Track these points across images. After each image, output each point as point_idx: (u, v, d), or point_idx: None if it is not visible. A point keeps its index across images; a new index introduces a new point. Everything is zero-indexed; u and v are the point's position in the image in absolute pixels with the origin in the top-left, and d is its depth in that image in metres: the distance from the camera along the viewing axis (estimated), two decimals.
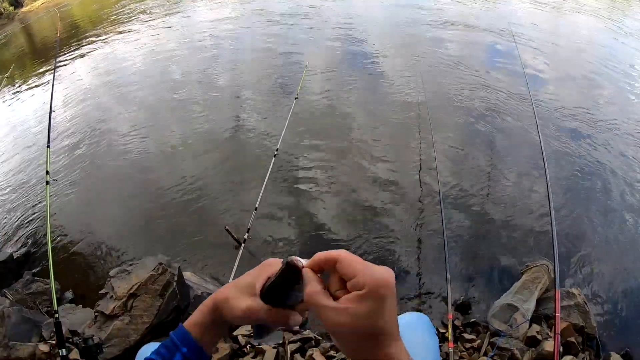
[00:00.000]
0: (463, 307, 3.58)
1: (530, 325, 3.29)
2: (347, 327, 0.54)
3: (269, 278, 0.68)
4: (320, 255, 0.60)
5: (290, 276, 0.61)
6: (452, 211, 4.46)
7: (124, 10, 14.39)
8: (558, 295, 2.61)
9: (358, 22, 10.21)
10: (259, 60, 8.52)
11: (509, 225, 4.39)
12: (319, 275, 0.60)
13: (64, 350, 2.43)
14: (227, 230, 3.94)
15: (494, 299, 3.56)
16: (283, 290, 0.64)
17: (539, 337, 3.13)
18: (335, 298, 0.57)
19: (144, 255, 3.94)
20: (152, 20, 12.71)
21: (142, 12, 13.91)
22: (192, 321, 0.75)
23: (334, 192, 4.89)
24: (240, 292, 0.70)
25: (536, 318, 3.41)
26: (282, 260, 0.65)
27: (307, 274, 0.60)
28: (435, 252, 4.05)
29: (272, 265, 0.70)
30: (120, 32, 11.94)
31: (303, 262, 0.62)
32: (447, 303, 2.88)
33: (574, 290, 3.56)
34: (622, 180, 5.02)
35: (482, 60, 8.10)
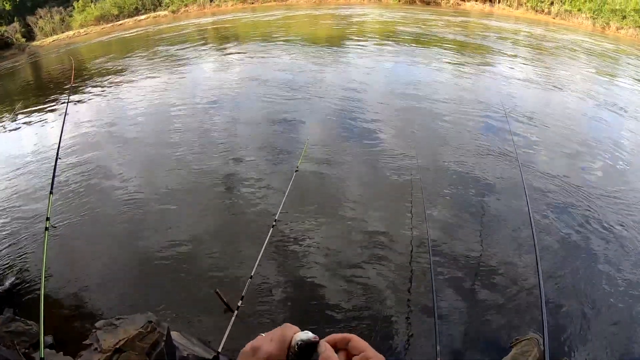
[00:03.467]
0: None
1: None
2: None
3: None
4: (336, 335, 0.73)
5: (310, 349, 0.71)
6: (443, 283, 4.50)
7: (132, 61, 14.92)
8: None
9: (357, 93, 10.59)
10: (261, 128, 8.73)
11: (499, 298, 4.42)
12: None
13: None
14: (217, 293, 3.90)
15: None
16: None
17: None
18: None
19: (132, 310, 3.88)
20: (158, 74, 13.21)
21: (149, 65, 14.46)
22: None
23: (329, 266, 4.93)
24: None
25: None
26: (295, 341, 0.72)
27: (325, 345, 0.71)
28: (425, 324, 4.05)
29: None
30: (128, 83, 12.35)
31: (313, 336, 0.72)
32: None
33: None
34: (610, 249, 5.14)
35: (475, 134, 8.40)
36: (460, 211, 5.87)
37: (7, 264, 4.83)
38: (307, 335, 0.71)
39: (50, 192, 3.28)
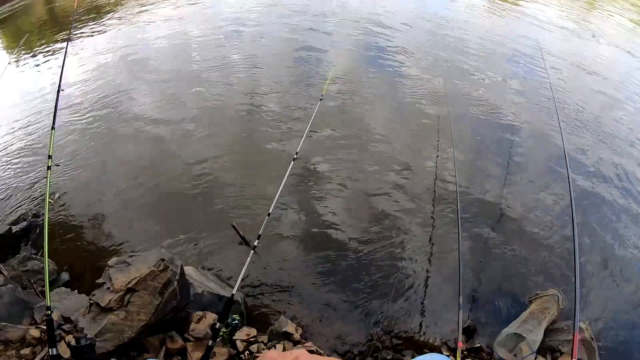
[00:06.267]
0: (469, 331, 3.47)
1: (535, 358, 3.18)
2: None
3: None
4: None
5: None
6: (468, 229, 4.35)
7: None
8: (577, 338, 2.42)
9: (384, 23, 9.94)
10: (283, 55, 8.22)
11: (525, 250, 4.29)
12: None
13: (54, 349, 2.32)
14: (233, 226, 3.83)
15: (501, 325, 3.45)
16: None
17: None
18: None
19: (145, 245, 3.84)
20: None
21: None
22: None
23: (352, 204, 4.78)
24: None
25: (542, 349, 3.30)
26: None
27: None
28: (448, 271, 3.95)
29: None
30: (140, 7, 11.62)
31: None
32: (457, 329, 2.73)
33: (582, 325, 3.42)
34: None
35: (508, 72, 7.99)
36: (491, 154, 5.64)
37: (21, 201, 4.78)
38: None
39: (52, 127, 3.08)
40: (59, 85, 3.42)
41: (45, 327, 3.41)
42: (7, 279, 3.82)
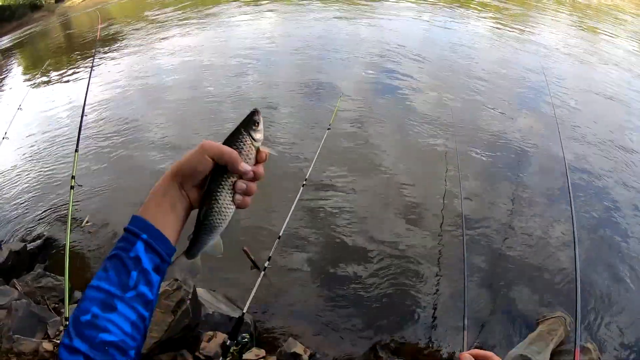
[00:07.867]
0: None
1: None
2: None
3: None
4: (480, 352, 0.86)
5: (251, 118, 0.81)
6: (474, 251, 4.37)
7: (165, 19, 14.59)
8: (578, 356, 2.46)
9: (392, 53, 10.15)
10: (293, 85, 8.45)
11: (531, 273, 4.29)
12: None
13: None
14: (244, 251, 3.90)
15: (507, 347, 3.45)
16: (240, 131, 0.80)
17: None
18: None
19: None
20: (189, 31, 12.91)
21: (178, 19, 14.18)
22: (146, 207, 0.75)
23: (359, 229, 4.85)
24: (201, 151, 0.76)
25: None
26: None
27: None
28: (455, 293, 3.96)
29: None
30: (157, 37, 12.15)
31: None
32: (462, 351, 2.77)
33: (589, 346, 3.41)
34: None
35: (514, 100, 8.10)
36: (496, 180, 5.67)
37: (37, 221, 4.94)
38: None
39: (76, 150, 3.27)
40: (83, 111, 3.63)
41: (57, 342, 3.51)
42: (21, 294, 3.94)
